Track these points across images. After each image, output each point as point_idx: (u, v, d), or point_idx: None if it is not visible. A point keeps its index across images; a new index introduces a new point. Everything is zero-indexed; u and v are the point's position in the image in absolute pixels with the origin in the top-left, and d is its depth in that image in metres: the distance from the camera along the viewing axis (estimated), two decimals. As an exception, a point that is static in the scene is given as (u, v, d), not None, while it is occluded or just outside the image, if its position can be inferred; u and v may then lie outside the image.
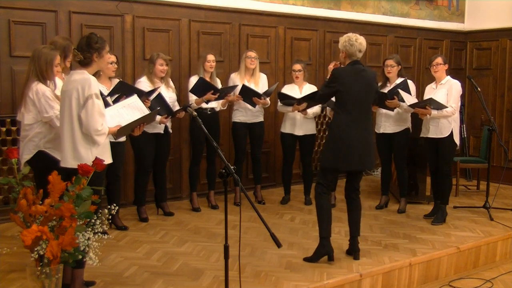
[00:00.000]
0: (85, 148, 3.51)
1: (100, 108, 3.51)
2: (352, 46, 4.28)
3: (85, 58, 3.54)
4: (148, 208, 5.65)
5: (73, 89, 3.49)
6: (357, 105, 4.27)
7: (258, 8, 6.80)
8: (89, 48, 3.53)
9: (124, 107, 3.99)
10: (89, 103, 3.45)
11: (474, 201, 6.59)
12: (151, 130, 5.29)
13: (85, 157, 3.48)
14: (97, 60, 3.58)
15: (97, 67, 3.65)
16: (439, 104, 5.34)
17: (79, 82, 3.48)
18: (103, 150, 3.58)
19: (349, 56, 4.31)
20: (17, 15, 5.26)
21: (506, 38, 8.27)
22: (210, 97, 5.53)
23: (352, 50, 4.28)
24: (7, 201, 5.24)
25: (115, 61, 4.98)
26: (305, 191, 6.32)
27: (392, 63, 5.82)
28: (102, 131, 3.52)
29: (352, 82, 4.24)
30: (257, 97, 5.81)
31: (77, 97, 3.47)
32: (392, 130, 5.90)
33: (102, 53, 3.58)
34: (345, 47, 4.31)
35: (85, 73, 3.53)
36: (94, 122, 3.47)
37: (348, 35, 4.34)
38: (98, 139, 3.51)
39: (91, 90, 3.45)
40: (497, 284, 4.63)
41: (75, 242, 3.09)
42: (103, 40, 3.61)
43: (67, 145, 3.53)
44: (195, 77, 5.70)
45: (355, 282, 4.10)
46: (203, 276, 4.04)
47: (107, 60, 3.66)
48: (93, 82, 3.49)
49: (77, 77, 3.52)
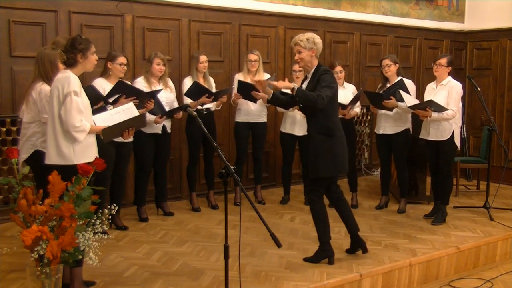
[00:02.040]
0: (67, 146, 3.54)
1: (79, 105, 3.53)
2: (317, 44, 4.20)
3: (69, 59, 3.60)
4: (148, 208, 5.65)
5: (55, 88, 3.56)
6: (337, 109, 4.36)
7: (258, 8, 6.80)
8: (73, 49, 3.59)
9: (118, 113, 4.03)
10: (68, 100, 3.50)
11: (474, 201, 6.59)
12: (148, 131, 5.29)
13: (67, 154, 3.53)
14: (81, 61, 3.62)
15: (83, 68, 3.68)
16: (439, 107, 5.32)
17: (60, 81, 3.55)
18: (87, 148, 3.61)
19: (317, 55, 4.22)
20: (17, 15, 5.26)
21: (506, 38, 8.27)
22: (204, 101, 5.51)
23: (319, 49, 4.21)
24: (7, 201, 5.25)
25: (125, 63, 4.96)
26: (305, 191, 6.32)
27: (389, 62, 5.78)
28: (81, 128, 3.54)
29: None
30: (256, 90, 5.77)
31: (57, 95, 3.54)
32: (392, 131, 5.89)
33: (86, 54, 3.62)
34: (316, 45, 4.19)
35: (67, 72, 3.58)
36: (72, 119, 3.50)
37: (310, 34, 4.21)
38: (77, 135, 3.53)
39: (70, 88, 3.50)
40: (497, 284, 4.64)
41: (75, 242, 3.09)
42: (88, 42, 3.65)
43: (51, 143, 3.58)
44: (188, 78, 5.68)
45: (355, 282, 4.10)
46: (203, 276, 4.04)
47: (93, 61, 3.69)
48: (73, 79, 3.53)
49: (59, 76, 3.59)
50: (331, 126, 4.19)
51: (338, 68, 5.86)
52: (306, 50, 4.17)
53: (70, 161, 3.52)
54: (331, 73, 4.25)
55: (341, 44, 7.64)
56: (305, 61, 4.22)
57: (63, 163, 3.51)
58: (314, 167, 4.23)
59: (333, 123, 4.21)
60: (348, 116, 5.77)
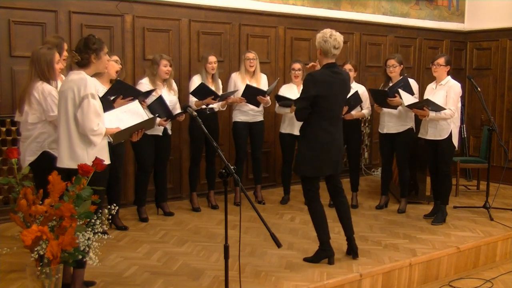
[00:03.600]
0: (81, 149, 3.51)
1: (96, 108, 3.50)
2: (326, 42, 4.08)
3: (83, 59, 3.55)
4: (148, 208, 5.65)
5: (69, 89, 3.49)
6: (332, 109, 4.17)
7: (258, 8, 6.80)
8: (87, 49, 3.54)
9: (124, 112, 3.97)
10: (85, 103, 3.45)
11: (474, 201, 6.59)
12: (149, 132, 5.27)
13: (82, 158, 3.48)
14: (95, 61, 3.58)
15: (96, 69, 3.64)
16: (436, 106, 5.32)
17: (75, 82, 3.49)
18: (100, 151, 3.57)
19: (324, 53, 4.12)
20: (17, 15, 5.26)
21: (506, 38, 8.27)
22: (209, 102, 5.53)
23: (326, 47, 4.08)
24: (7, 201, 5.25)
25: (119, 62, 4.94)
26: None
27: (394, 63, 5.77)
28: (98, 131, 3.51)
29: (328, 84, 4.10)
30: (262, 95, 5.81)
31: (72, 97, 3.48)
32: (396, 130, 5.88)
33: (100, 54, 3.58)
34: (319, 44, 4.12)
35: (82, 73, 3.53)
36: (90, 122, 3.46)
37: (323, 31, 4.14)
38: (94, 139, 3.51)
39: (87, 90, 3.45)
40: (497, 284, 4.64)
41: (75, 242, 3.08)
42: (101, 42, 3.61)
43: (64, 146, 3.54)
44: (197, 77, 5.70)
45: (355, 282, 4.10)
46: (203, 276, 4.04)
47: (105, 62, 3.65)
48: (89, 82, 3.49)
49: (74, 77, 3.53)
50: (310, 129, 4.16)
51: (348, 67, 5.84)
52: (317, 49, 4.20)
53: None
54: (308, 77, 4.13)
55: (341, 44, 7.62)
56: (318, 60, 4.24)
57: (75, 167, 3.46)
58: (296, 165, 4.37)
59: (315, 125, 4.14)
60: (348, 117, 5.74)
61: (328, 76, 4.12)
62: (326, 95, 4.10)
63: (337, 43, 4.10)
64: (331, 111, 4.18)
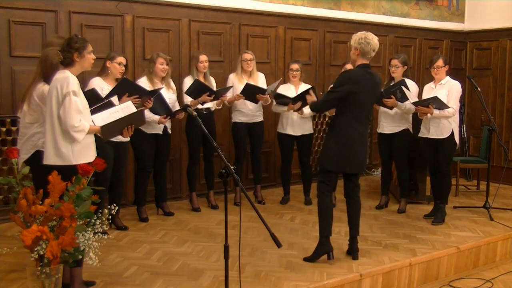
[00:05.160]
0: (65, 146, 3.55)
1: (78, 105, 3.54)
2: (369, 44, 4.24)
3: (65, 58, 3.61)
4: (148, 208, 5.65)
5: (53, 88, 3.56)
6: (362, 107, 4.27)
7: (258, 8, 6.80)
8: (69, 48, 3.60)
9: (117, 112, 4.00)
10: (67, 100, 3.50)
11: (474, 201, 6.59)
12: (149, 131, 5.30)
13: (66, 155, 3.53)
14: (78, 60, 3.62)
15: (81, 67, 3.68)
16: (442, 104, 5.33)
17: (59, 81, 3.55)
18: (85, 148, 3.61)
19: (363, 54, 4.26)
20: (17, 15, 5.26)
21: (506, 38, 8.27)
22: (205, 99, 5.51)
23: (367, 49, 4.24)
24: (7, 201, 5.24)
25: (124, 63, 4.95)
26: (305, 191, 6.32)
27: (397, 64, 5.76)
28: (80, 128, 3.54)
29: (363, 84, 4.21)
30: (261, 93, 5.81)
31: (56, 95, 3.54)
32: (390, 131, 5.89)
33: (83, 53, 3.63)
34: (361, 45, 4.25)
35: (66, 72, 3.58)
36: (71, 119, 3.50)
37: (364, 33, 4.30)
38: (76, 135, 3.54)
39: (69, 88, 3.51)
40: (497, 284, 4.63)
41: (75, 242, 3.09)
42: (84, 41, 3.67)
43: (49, 143, 3.58)
44: (189, 78, 5.69)
45: (355, 282, 4.10)
46: (203, 276, 4.04)
47: (90, 60, 3.70)
48: (72, 80, 3.53)
49: (58, 76, 3.59)
50: (338, 123, 4.28)
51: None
52: (352, 49, 4.32)
53: (69, 161, 3.52)
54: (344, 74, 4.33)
55: (341, 44, 7.63)
56: (351, 59, 4.42)
57: (61, 163, 3.51)
58: (319, 157, 4.53)
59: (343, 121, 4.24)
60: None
61: (363, 76, 4.25)
62: (359, 93, 4.20)
63: (376, 47, 4.31)
64: (361, 110, 4.28)
